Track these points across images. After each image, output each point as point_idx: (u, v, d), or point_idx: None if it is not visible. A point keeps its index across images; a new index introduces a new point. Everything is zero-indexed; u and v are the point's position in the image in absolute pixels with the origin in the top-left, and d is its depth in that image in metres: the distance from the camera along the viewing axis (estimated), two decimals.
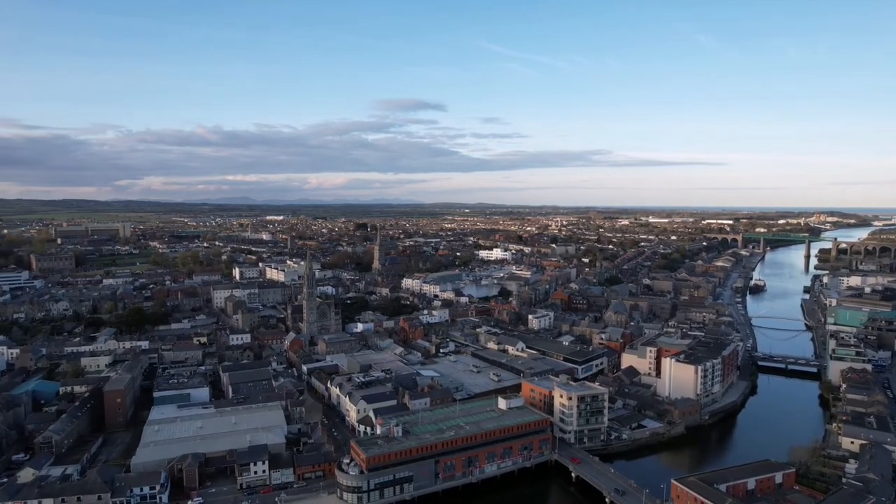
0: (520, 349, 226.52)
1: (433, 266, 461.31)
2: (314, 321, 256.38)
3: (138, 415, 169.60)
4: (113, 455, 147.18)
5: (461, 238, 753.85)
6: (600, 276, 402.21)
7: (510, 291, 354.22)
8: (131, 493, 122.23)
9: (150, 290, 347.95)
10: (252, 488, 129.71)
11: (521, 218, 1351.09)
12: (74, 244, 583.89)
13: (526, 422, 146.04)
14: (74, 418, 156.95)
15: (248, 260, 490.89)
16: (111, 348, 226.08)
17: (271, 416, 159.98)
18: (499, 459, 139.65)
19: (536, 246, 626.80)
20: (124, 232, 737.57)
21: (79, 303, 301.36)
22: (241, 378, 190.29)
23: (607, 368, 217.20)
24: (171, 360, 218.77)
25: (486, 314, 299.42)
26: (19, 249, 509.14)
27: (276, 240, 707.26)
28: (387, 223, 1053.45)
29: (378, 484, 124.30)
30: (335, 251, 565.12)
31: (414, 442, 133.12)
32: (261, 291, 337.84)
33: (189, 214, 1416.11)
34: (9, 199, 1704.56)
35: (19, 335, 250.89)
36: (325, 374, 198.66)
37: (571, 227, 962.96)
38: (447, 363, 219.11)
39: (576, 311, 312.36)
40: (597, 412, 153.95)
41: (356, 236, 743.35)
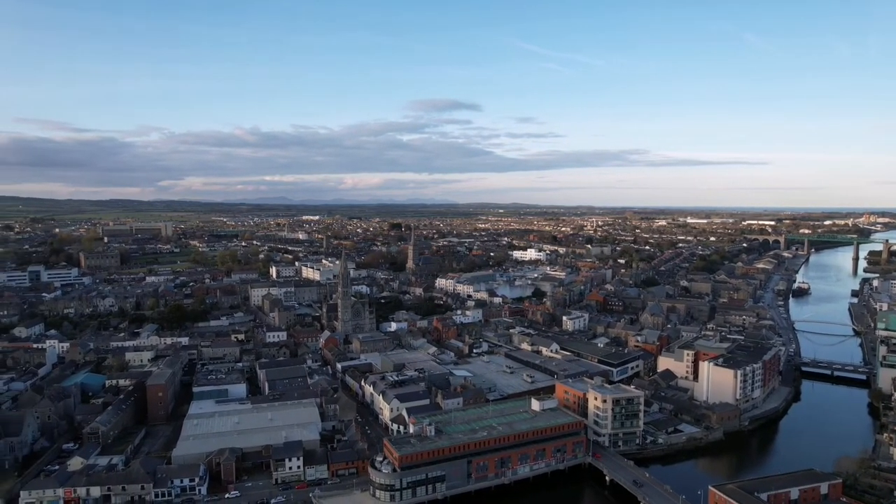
0: (554, 350, 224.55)
1: (467, 266, 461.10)
2: (349, 320, 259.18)
3: (178, 409, 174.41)
4: (155, 447, 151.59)
5: (495, 238, 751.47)
6: (636, 277, 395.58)
7: (544, 292, 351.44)
8: (172, 485, 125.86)
9: (191, 287, 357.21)
10: (287, 483, 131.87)
11: (555, 218, 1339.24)
12: (120, 243, 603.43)
13: (559, 424, 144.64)
14: (119, 410, 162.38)
15: (285, 259, 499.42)
16: (153, 344, 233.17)
17: (306, 413, 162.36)
18: (532, 461, 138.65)
19: (571, 246, 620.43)
20: (166, 231, 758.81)
21: (123, 299, 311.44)
22: (278, 375, 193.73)
23: (643, 371, 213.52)
24: (210, 356, 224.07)
25: (519, 315, 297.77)
26: (70, 248, 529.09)
27: (312, 239, 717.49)
28: (421, 223, 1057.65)
29: (411, 482, 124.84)
30: (370, 251, 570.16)
31: (446, 441, 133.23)
32: (297, 290, 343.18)
33: (228, 214, 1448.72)
34: (60, 200, 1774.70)
35: (69, 329, 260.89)
36: (359, 372, 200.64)
37: (607, 228, 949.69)
38: (480, 363, 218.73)
39: (611, 312, 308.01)
40: (632, 416, 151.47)
41: (390, 236, 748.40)
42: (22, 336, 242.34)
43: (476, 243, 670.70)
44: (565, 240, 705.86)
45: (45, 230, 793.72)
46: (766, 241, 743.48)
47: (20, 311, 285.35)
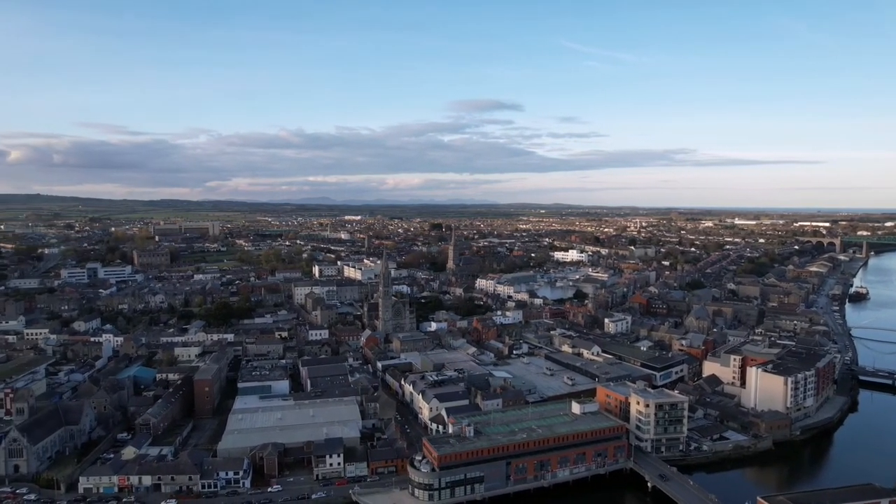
0: (595, 353, 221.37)
1: (507, 267, 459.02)
2: (389, 319, 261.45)
3: (224, 403, 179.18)
4: (202, 440, 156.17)
5: (536, 239, 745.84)
6: (681, 279, 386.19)
7: (586, 294, 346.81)
8: (218, 477, 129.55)
9: (236, 285, 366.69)
10: (327, 479, 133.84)
11: (598, 219, 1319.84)
12: (170, 242, 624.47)
13: (600, 427, 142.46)
14: (169, 403, 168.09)
15: (327, 258, 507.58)
16: (201, 340, 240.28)
17: (347, 411, 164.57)
18: (571, 464, 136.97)
19: (614, 248, 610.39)
20: (213, 230, 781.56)
21: (173, 296, 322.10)
22: (319, 372, 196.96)
23: (687, 376, 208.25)
24: (255, 352, 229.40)
25: (560, 316, 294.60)
26: (124, 246, 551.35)
27: (354, 239, 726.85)
28: (461, 223, 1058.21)
29: (449, 482, 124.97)
30: (410, 251, 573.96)
31: (485, 442, 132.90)
32: (339, 289, 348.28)
33: (272, 214, 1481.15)
34: (116, 200, 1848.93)
35: (123, 324, 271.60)
36: (399, 371, 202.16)
37: (651, 229, 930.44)
38: (520, 365, 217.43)
39: (655, 315, 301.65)
40: (675, 421, 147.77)
41: (431, 236, 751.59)
42: (81, 330, 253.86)
43: (517, 244, 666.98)
44: (608, 241, 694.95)
45: (102, 229, 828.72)
46: (819, 243, 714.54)
47: (79, 306, 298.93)
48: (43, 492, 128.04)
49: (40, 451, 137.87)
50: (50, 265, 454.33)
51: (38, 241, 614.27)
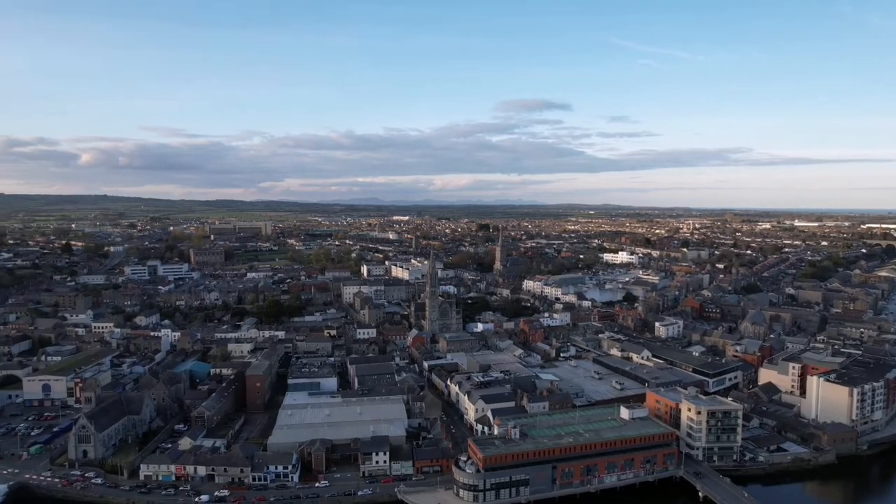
0: (645, 357, 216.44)
1: (555, 268, 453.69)
2: (436, 319, 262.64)
3: (274, 399, 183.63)
4: (253, 434, 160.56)
5: (585, 240, 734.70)
6: (736, 283, 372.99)
7: (636, 297, 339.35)
8: (267, 470, 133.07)
9: (287, 284, 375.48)
10: (373, 477, 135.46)
11: (649, 220, 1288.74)
12: (225, 241, 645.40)
13: (649, 434, 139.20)
14: (222, 397, 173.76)
15: (376, 258, 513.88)
16: (253, 336, 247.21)
17: (393, 409, 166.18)
18: (619, 470, 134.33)
19: (665, 250, 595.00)
20: (266, 230, 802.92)
21: (227, 293, 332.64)
22: (367, 371, 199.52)
23: (742, 383, 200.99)
24: (304, 350, 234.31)
25: (609, 319, 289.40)
26: (182, 245, 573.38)
27: (402, 239, 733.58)
28: (509, 224, 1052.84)
29: (494, 484, 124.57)
30: (458, 251, 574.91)
31: (531, 445, 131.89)
32: (386, 288, 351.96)
33: (322, 214, 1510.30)
34: (174, 201, 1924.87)
35: (180, 320, 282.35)
36: (445, 371, 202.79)
37: (705, 231, 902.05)
38: (567, 368, 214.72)
39: (708, 320, 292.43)
40: (729, 429, 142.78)
41: (478, 237, 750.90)
42: (142, 324, 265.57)
43: (565, 245, 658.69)
44: (659, 243, 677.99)
45: (162, 228, 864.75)
46: (890, 246, 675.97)
47: (141, 301, 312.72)
48: (108, 476, 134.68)
49: (106, 439, 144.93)
50: (115, 262, 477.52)
51: (105, 240, 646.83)
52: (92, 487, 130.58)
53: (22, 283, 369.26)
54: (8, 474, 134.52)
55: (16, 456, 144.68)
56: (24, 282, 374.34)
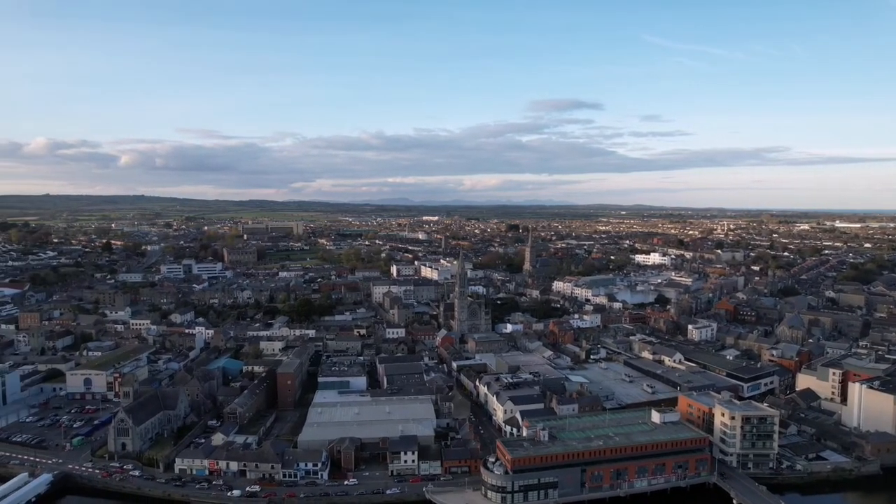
0: (677, 360, 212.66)
1: (585, 269, 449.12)
2: (465, 319, 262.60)
3: (304, 396, 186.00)
4: (283, 431, 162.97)
5: (616, 241, 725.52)
6: (773, 286, 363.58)
7: (668, 299, 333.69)
8: (298, 467, 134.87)
9: (318, 283, 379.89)
10: (401, 476, 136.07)
11: (682, 221, 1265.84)
12: (257, 240, 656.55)
13: (681, 438, 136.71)
14: (254, 394, 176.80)
15: (405, 258, 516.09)
16: (284, 334, 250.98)
17: (422, 409, 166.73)
18: (650, 475, 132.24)
19: (699, 251, 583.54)
20: (297, 230, 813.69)
21: (259, 292, 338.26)
22: (396, 370, 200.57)
23: (778, 389, 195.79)
24: (334, 348, 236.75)
25: (640, 321, 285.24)
26: (215, 244, 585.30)
27: (431, 239, 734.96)
28: (539, 224, 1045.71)
29: (523, 486, 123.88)
30: (487, 251, 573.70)
31: (560, 448, 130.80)
32: (416, 288, 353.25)
33: (353, 214, 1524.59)
34: (208, 201, 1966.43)
35: (213, 318, 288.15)
36: (473, 372, 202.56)
37: (740, 232, 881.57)
38: (597, 370, 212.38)
39: (742, 323, 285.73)
40: (765, 436, 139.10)
41: (508, 237, 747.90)
42: (177, 322, 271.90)
43: (596, 246, 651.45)
44: (693, 244, 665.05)
45: (197, 228, 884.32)
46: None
47: (176, 299, 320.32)
48: (145, 469, 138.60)
49: (143, 432, 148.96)
50: (152, 261, 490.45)
51: (143, 239, 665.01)
52: (130, 479, 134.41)
53: (65, 281, 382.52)
54: (53, 464, 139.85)
55: (60, 447, 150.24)
56: (67, 279, 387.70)
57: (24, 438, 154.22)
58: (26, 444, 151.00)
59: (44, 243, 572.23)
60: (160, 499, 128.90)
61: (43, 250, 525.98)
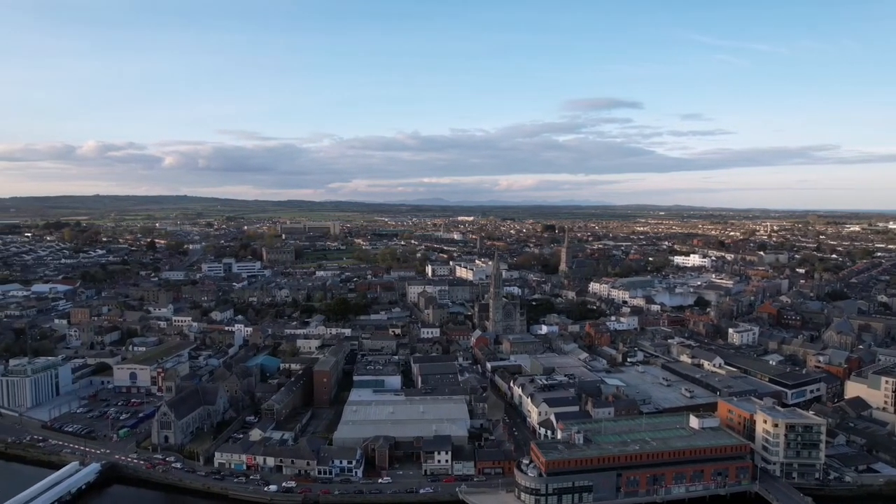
0: (717, 365, 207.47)
1: (623, 271, 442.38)
2: (500, 320, 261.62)
3: (340, 394, 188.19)
4: (319, 428, 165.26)
5: (654, 242, 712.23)
6: (819, 289, 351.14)
7: (708, 301, 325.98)
8: (333, 464, 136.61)
9: (354, 282, 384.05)
10: (435, 475, 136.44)
11: (723, 222, 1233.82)
12: (295, 240, 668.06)
13: (721, 445, 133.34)
14: (290, 391, 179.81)
15: (440, 258, 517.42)
16: (320, 333, 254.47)
17: (456, 409, 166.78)
18: (688, 482, 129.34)
19: (741, 253, 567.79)
20: (334, 230, 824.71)
21: (296, 291, 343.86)
22: (430, 370, 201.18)
23: (825, 397, 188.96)
24: (370, 347, 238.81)
25: (679, 324, 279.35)
26: (254, 243, 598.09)
27: (467, 239, 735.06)
28: (575, 225, 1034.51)
29: (557, 489, 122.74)
30: (522, 252, 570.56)
31: (595, 451, 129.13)
32: (451, 289, 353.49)
33: (389, 214, 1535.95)
34: (248, 201, 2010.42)
35: (252, 316, 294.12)
36: (508, 373, 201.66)
37: (784, 233, 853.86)
38: (634, 373, 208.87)
39: (786, 327, 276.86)
40: (810, 445, 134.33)
41: (544, 238, 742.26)
42: (217, 319, 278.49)
43: (633, 247, 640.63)
44: (734, 245, 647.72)
45: (237, 227, 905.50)
46: None
47: (216, 297, 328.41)
48: (186, 462, 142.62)
49: (184, 426, 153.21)
50: (193, 259, 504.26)
51: (185, 238, 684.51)
52: (172, 471, 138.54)
53: (113, 278, 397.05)
54: (100, 454, 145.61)
55: (107, 437, 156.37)
56: (114, 277, 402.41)
57: (75, 429, 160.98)
58: (77, 434, 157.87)
59: (93, 242, 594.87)
60: (200, 491, 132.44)
61: (93, 248, 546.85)
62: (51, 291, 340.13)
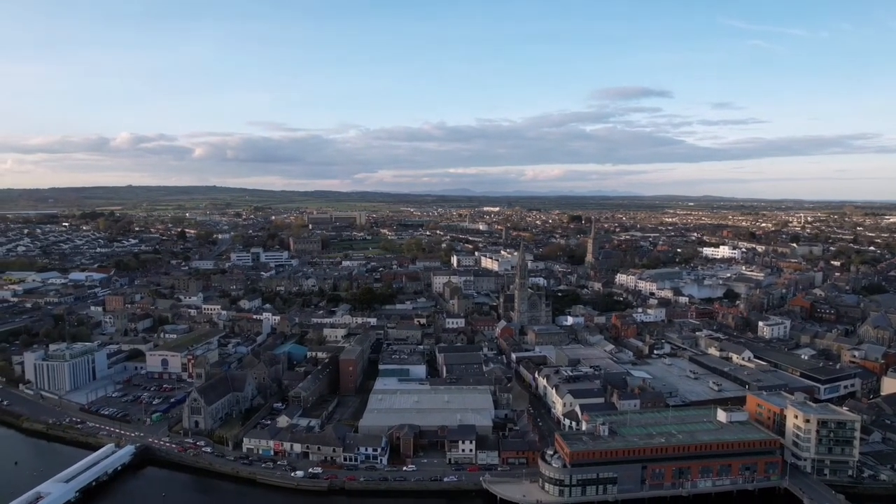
0: (746, 358, 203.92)
1: (650, 262, 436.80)
2: (525, 311, 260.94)
3: (365, 383, 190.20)
4: (345, 415, 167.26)
5: (683, 233, 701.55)
6: (856, 282, 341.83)
7: (738, 294, 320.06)
8: (358, 451, 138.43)
9: (380, 272, 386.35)
10: (459, 464, 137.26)
11: (754, 213, 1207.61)
12: (322, 230, 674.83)
13: (749, 439, 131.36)
14: (317, 379, 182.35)
15: (466, 248, 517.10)
16: (346, 322, 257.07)
17: (480, 399, 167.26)
18: (714, 476, 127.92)
19: (772, 244, 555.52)
20: (360, 220, 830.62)
21: (323, 280, 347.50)
22: (455, 360, 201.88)
23: (860, 392, 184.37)
24: (395, 337, 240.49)
25: (707, 317, 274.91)
26: (282, 233, 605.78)
27: (492, 230, 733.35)
28: (602, 216, 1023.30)
29: (581, 480, 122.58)
30: (548, 243, 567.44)
31: (620, 443, 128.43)
32: (476, 279, 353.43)
33: (414, 204, 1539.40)
34: (275, 191, 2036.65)
35: (279, 305, 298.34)
36: (533, 364, 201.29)
37: (819, 225, 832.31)
38: (661, 365, 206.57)
39: (820, 321, 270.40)
40: (843, 442, 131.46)
41: (570, 228, 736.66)
42: (245, 308, 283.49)
43: (661, 238, 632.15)
44: (765, 237, 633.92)
45: (264, 217, 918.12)
46: None
47: (244, 286, 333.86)
48: (216, 447, 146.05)
49: (214, 412, 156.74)
50: (222, 249, 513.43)
51: (214, 228, 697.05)
52: (202, 455, 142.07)
53: (145, 267, 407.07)
54: (135, 437, 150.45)
55: (141, 421, 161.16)
56: (146, 265, 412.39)
57: (111, 412, 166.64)
58: (112, 417, 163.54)
59: (126, 231, 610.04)
60: (229, 475, 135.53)
61: (126, 238, 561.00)
62: (87, 279, 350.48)
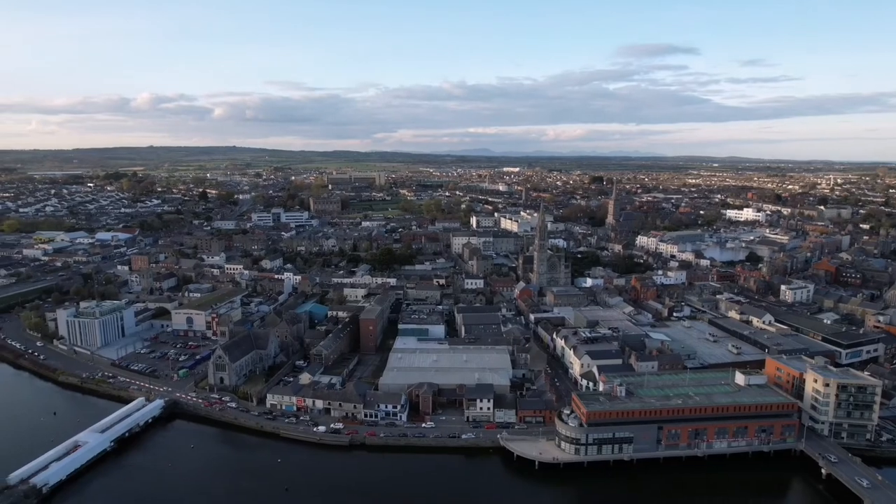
0: (767, 322, 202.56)
1: (672, 224, 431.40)
2: (544, 272, 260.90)
3: (385, 342, 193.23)
4: (365, 373, 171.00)
5: (706, 195, 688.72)
6: (885, 246, 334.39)
7: (760, 257, 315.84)
8: (378, 408, 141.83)
9: (399, 233, 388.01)
10: (477, 422, 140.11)
11: (780, 174, 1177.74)
12: (341, 190, 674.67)
13: (767, 402, 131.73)
14: (338, 338, 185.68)
15: (485, 209, 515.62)
16: (366, 282, 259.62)
17: (498, 359, 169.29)
18: (730, 437, 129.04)
19: (799, 207, 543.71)
20: (380, 180, 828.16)
21: (343, 241, 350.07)
22: (474, 320, 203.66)
23: (884, 357, 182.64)
24: (414, 297, 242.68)
25: (729, 280, 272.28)
26: (302, 193, 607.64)
27: (512, 191, 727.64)
28: (624, 177, 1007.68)
29: (597, 439, 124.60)
30: (569, 204, 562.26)
31: (637, 404, 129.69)
32: (495, 240, 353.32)
33: (434, 165, 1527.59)
34: (295, 151, 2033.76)
35: (300, 265, 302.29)
36: (551, 325, 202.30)
37: (848, 187, 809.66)
38: (680, 328, 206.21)
39: (845, 285, 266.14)
40: (863, 406, 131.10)
41: (591, 190, 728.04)
42: (267, 267, 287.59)
43: (684, 200, 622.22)
44: (791, 199, 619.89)
45: (284, 178, 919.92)
46: None
47: (266, 246, 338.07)
48: (240, 402, 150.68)
49: (238, 369, 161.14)
50: (243, 209, 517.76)
51: (235, 188, 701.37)
52: (228, 410, 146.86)
53: (168, 227, 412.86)
54: (163, 391, 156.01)
55: (168, 377, 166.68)
56: (170, 226, 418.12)
57: (140, 367, 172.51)
58: (142, 373, 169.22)
59: (149, 192, 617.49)
60: (254, 429, 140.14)
61: (149, 198, 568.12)
62: (113, 239, 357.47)
